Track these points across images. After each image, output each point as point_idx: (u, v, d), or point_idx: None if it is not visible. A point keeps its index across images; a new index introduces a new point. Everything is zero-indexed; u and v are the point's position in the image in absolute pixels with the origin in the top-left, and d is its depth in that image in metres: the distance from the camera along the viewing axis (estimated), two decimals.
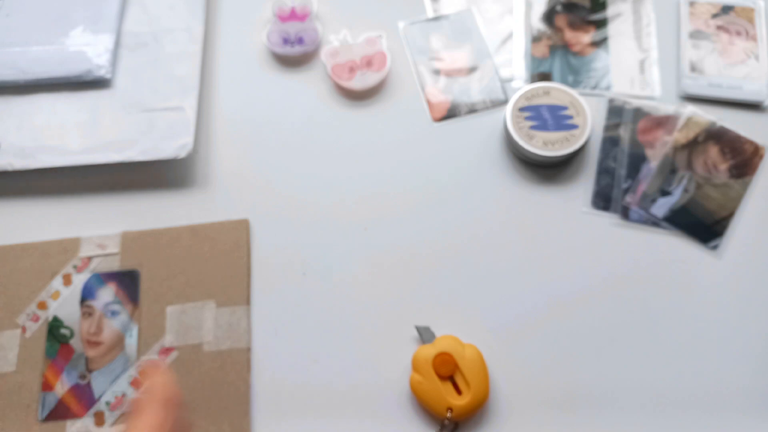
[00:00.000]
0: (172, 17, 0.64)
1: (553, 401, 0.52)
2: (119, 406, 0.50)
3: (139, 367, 0.51)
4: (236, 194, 0.58)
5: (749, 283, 0.55)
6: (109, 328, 0.52)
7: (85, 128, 0.59)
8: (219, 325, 0.51)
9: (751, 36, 0.63)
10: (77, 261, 0.54)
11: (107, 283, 0.53)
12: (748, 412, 0.51)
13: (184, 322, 0.52)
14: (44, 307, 0.53)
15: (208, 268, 0.53)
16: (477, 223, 0.57)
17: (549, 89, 0.59)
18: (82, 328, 0.52)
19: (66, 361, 0.51)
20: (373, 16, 0.65)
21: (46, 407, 0.50)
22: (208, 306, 0.52)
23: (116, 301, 0.53)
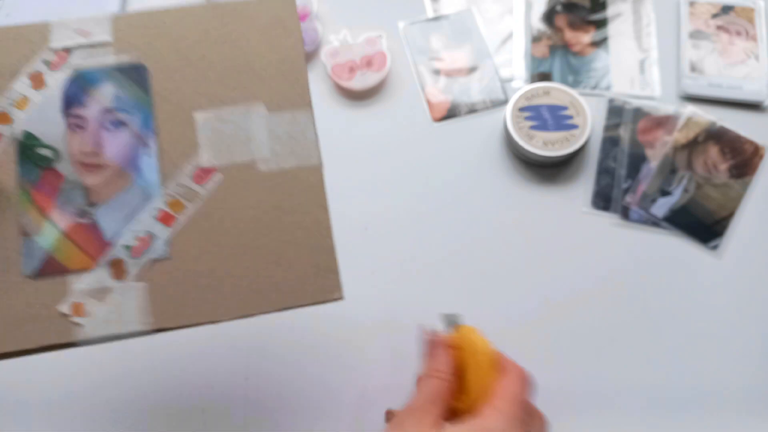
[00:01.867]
0: None
1: (553, 401, 0.52)
2: (145, 250, 0.36)
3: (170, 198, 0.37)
4: None
5: (749, 283, 0.55)
6: (112, 144, 0.37)
7: None
8: (276, 137, 0.38)
9: (751, 36, 0.63)
10: (49, 54, 0.38)
11: (101, 83, 0.38)
12: (748, 412, 0.51)
13: (223, 133, 0.37)
14: (6, 120, 0.38)
15: (245, 58, 0.38)
16: (477, 223, 0.57)
17: (549, 89, 0.59)
18: (71, 146, 0.37)
19: (54, 191, 0.37)
20: (373, 16, 0.65)
21: (33, 258, 0.35)
22: (256, 110, 0.38)
23: (119, 106, 0.38)
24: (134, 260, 0.36)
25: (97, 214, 0.36)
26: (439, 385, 0.36)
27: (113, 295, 0.35)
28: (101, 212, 0.37)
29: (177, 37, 0.39)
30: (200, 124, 0.37)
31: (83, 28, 0.39)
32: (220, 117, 0.38)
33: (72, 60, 0.38)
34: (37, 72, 0.38)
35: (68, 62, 0.38)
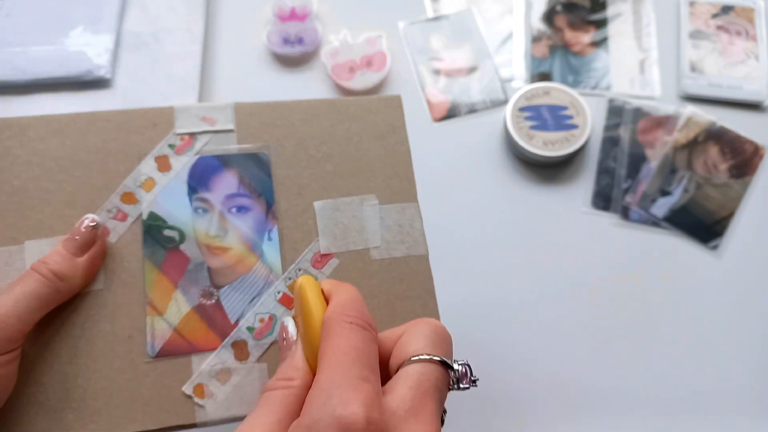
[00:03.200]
0: (172, 17, 0.64)
1: (552, 400, 0.52)
2: (267, 332, 0.37)
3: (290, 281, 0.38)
4: None
5: (749, 283, 0.55)
6: (236, 229, 0.38)
7: None
8: (387, 226, 0.40)
9: (751, 36, 0.63)
10: (174, 139, 0.39)
11: (225, 168, 0.39)
12: (748, 412, 0.51)
13: (340, 222, 0.39)
14: (132, 200, 0.38)
15: (359, 154, 0.41)
16: (477, 222, 0.57)
17: (549, 89, 0.59)
18: (196, 229, 0.38)
19: (179, 272, 0.37)
20: (373, 16, 0.65)
21: (157, 338, 0.36)
22: (369, 201, 0.40)
23: (242, 192, 0.39)
24: (256, 341, 0.36)
25: (222, 295, 0.37)
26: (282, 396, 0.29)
27: (235, 377, 0.36)
28: (225, 293, 0.37)
29: (299, 130, 0.41)
30: (319, 211, 0.39)
31: (208, 116, 0.40)
32: (337, 206, 0.40)
33: (196, 145, 0.39)
34: (163, 155, 0.39)
35: (192, 147, 0.39)
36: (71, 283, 0.34)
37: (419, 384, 0.27)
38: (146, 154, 0.39)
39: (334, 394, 0.25)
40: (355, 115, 0.42)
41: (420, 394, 0.27)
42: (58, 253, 0.34)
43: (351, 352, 0.27)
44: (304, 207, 0.39)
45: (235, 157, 0.39)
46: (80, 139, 0.38)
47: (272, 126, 0.40)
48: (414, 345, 0.29)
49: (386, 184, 0.41)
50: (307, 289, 0.31)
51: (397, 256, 0.39)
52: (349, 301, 0.30)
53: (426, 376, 0.27)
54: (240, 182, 0.39)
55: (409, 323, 0.31)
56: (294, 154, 0.40)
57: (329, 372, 0.26)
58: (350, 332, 0.28)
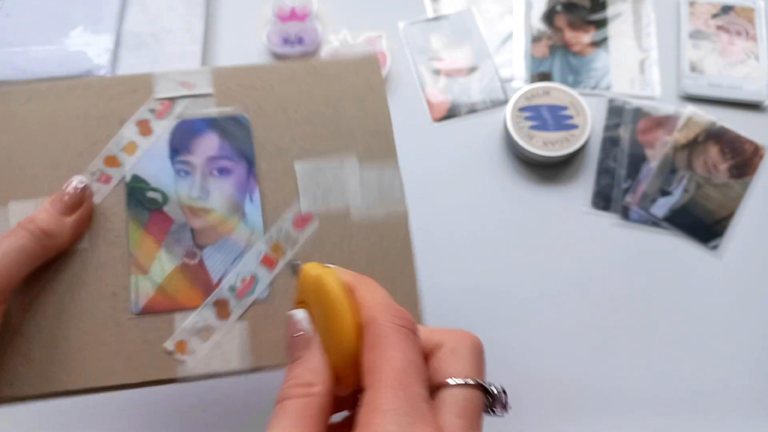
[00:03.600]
0: (172, 17, 0.64)
1: (552, 400, 0.52)
2: (248, 291, 0.37)
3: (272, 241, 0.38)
4: None
5: (749, 283, 0.55)
6: (218, 190, 0.39)
7: None
8: (367, 186, 0.40)
9: (751, 36, 0.63)
10: (154, 104, 0.40)
11: (205, 132, 0.40)
12: (748, 412, 0.51)
13: (320, 182, 0.40)
14: (116, 163, 0.39)
15: (339, 115, 0.41)
16: (477, 222, 0.57)
17: (549, 89, 0.59)
18: (179, 191, 0.39)
19: (163, 232, 0.38)
20: (373, 16, 0.65)
21: (141, 296, 0.37)
22: (349, 162, 0.40)
23: (223, 154, 0.39)
24: (238, 300, 0.37)
25: (205, 255, 0.38)
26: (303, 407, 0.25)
27: (216, 334, 0.36)
28: (208, 253, 0.38)
29: (277, 92, 0.41)
30: (300, 173, 0.40)
31: (186, 81, 0.41)
32: (317, 167, 0.40)
33: (176, 109, 0.40)
34: (144, 119, 0.40)
35: (172, 111, 0.40)
36: (58, 241, 0.35)
37: (465, 412, 0.25)
38: (127, 118, 0.39)
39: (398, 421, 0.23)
40: (333, 77, 0.42)
41: (468, 423, 0.25)
42: (46, 211, 0.35)
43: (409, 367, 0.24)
44: (285, 169, 0.39)
45: (216, 120, 0.40)
46: (61, 104, 0.39)
47: (251, 88, 0.41)
48: (459, 366, 0.27)
49: (366, 144, 0.41)
50: (331, 281, 0.27)
51: (376, 216, 0.39)
52: (389, 300, 0.27)
53: (472, 403, 0.26)
54: (221, 145, 0.39)
55: (448, 333, 0.28)
56: (273, 117, 0.40)
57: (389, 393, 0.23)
58: (405, 342, 0.25)
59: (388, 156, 0.41)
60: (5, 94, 0.39)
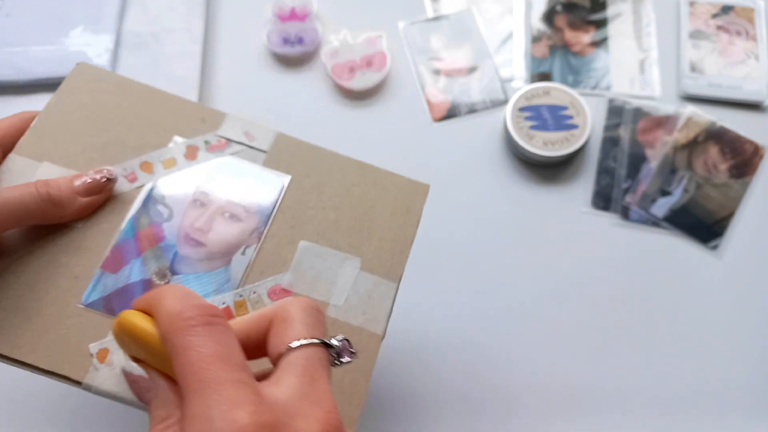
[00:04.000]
0: (172, 17, 0.64)
1: (552, 400, 0.52)
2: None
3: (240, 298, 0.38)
4: None
5: (749, 283, 0.55)
6: (220, 232, 0.40)
7: None
8: (356, 291, 0.40)
9: (751, 36, 0.63)
10: (212, 137, 0.42)
11: (251, 178, 0.41)
12: (748, 412, 0.51)
13: (315, 267, 0.40)
14: (149, 169, 0.40)
15: (366, 218, 0.42)
16: (477, 222, 0.57)
17: (549, 89, 0.59)
18: (186, 216, 0.40)
19: (150, 245, 0.39)
20: (373, 16, 0.65)
21: (96, 291, 0.37)
22: (351, 262, 0.40)
23: (242, 204, 0.40)
24: None
25: (173, 280, 0.38)
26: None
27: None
28: (176, 281, 0.38)
29: (323, 175, 0.42)
30: (301, 250, 0.40)
31: (250, 131, 0.43)
32: (320, 253, 0.40)
33: (227, 150, 0.42)
34: (195, 146, 0.42)
35: (224, 151, 0.42)
36: (60, 213, 0.36)
37: (305, 370, 0.26)
38: (183, 138, 0.41)
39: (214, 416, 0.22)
40: (378, 184, 0.43)
41: (308, 379, 0.25)
42: (65, 182, 0.36)
43: (209, 359, 0.24)
44: (290, 240, 0.40)
45: (257, 172, 0.42)
46: (138, 105, 0.42)
47: (301, 164, 0.42)
48: (291, 331, 0.27)
49: (377, 254, 0.41)
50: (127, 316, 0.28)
51: (352, 324, 0.39)
52: (177, 300, 0.26)
53: (310, 361, 0.26)
54: (247, 194, 0.41)
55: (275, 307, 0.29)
56: (307, 192, 0.41)
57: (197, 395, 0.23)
58: (197, 337, 0.24)
59: (391, 276, 0.41)
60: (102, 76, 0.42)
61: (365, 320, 0.39)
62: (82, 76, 0.42)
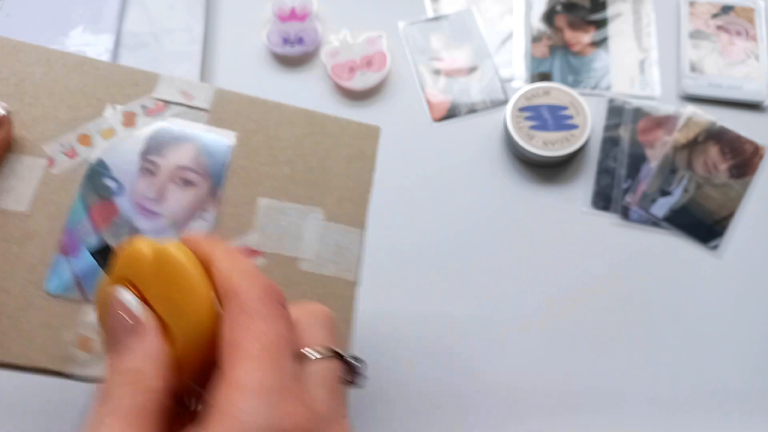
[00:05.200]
0: (172, 17, 0.64)
1: (552, 401, 0.52)
2: None
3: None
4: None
5: (749, 283, 0.55)
6: (174, 199, 0.38)
7: None
8: (324, 243, 0.39)
9: (751, 36, 0.63)
10: (148, 101, 0.39)
11: (185, 141, 0.39)
12: (748, 412, 0.51)
13: (279, 224, 0.39)
14: (87, 143, 0.38)
15: (322, 168, 0.41)
16: (476, 223, 0.57)
17: (549, 89, 0.59)
18: (136, 186, 0.38)
19: (104, 222, 0.37)
20: (373, 16, 0.65)
21: (57, 276, 0.35)
22: (314, 215, 0.39)
23: (193, 168, 0.39)
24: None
25: None
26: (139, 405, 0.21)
27: None
28: None
29: (271, 130, 0.40)
30: (261, 208, 0.39)
31: (187, 90, 0.40)
32: (280, 208, 0.39)
33: (166, 113, 0.40)
34: (132, 112, 0.39)
35: (163, 114, 0.40)
36: None
37: (329, 382, 0.24)
38: (117, 105, 0.39)
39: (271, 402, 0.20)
40: (329, 132, 0.42)
41: (333, 395, 0.24)
42: None
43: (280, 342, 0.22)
44: (248, 200, 0.39)
45: (200, 134, 0.39)
46: (64, 74, 0.39)
47: (246, 118, 0.40)
48: (315, 337, 0.25)
49: (338, 204, 0.40)
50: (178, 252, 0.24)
51: (326, 274, 0.39)
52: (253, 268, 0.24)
53: (332, 373, 0.25)
54: (195, 157, 0.39)
55: (298, 306, 0.26)
56: (257, 149, 0.40)
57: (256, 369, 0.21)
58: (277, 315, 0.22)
59: (355, 223, 0.40)
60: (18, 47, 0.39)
61: (337, 270, 0.39)
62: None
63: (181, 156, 0.39)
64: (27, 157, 0.37)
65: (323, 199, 0.40)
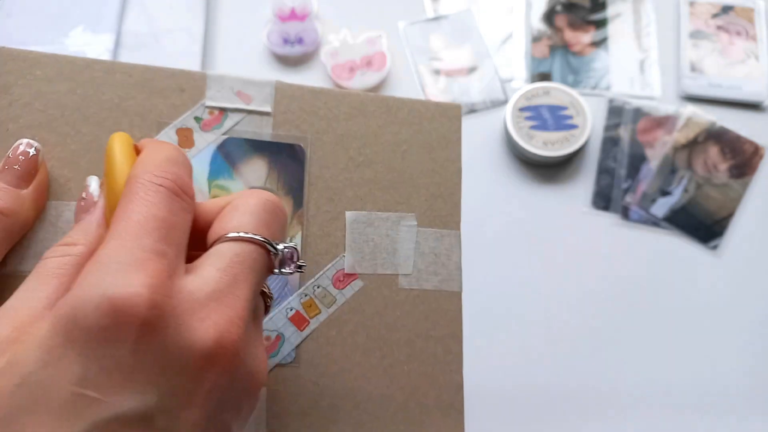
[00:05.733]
0: (172, 17, 0.64)
1: (551, 400, 0.52)
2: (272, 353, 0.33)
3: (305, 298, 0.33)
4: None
5: (749, 283, 0.55)
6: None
7: None
8: (421, 253, 0.35)
9: (751, 36, 0.63)
10: (202, 111, 0.33)
11: (254, 156, 0.34)
12: (748, 412, 0.51)
13: (371, 238, 0.35)
14: None
15: (405, 165, 0.36)
16: (477, 223, 0.57)
17: (549, 89, 0.59)
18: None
19: None
20: (373, 16, 0.65)
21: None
22: (406, 221, 0.35)
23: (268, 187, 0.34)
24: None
25: None
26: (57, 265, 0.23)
27: None
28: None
29: (342, 125, 0.35)
30: (350, 223, 0.34)
31: (244, 92, 0.34)
32: (370, 221, 0.35)
33: (225, 123, 0.34)
34: (187, 128, 0.33)
35: (221, 125, 0.34)
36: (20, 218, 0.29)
37: (231, 265, 0.23)
38: (168, 123, 0.33)
39: (112, 270, 0.20)
40: (406, 120, 0.36)
41: (229, 277, 0.22)
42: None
43: (149, 220, 0.22)
44: (334, 215, 0.34)
45: (268, 144, 0.34)
46: (94, 90, 0.32)
47: (313, 115, 0.35)
48: (236, 220, 0.24)
49: (428, 204, 0.36)
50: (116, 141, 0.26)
51: (427, 288, 0.35)
52: (164, 160, 0.24)
53: (241, 257, 0.23)
54: (268, 174, 0.34)
55: (238, 193, 0.26)
56: (332, 153, 0.35)
57: (115, 243, 0.21)
58: (154, 196, 0.23)
59: (450, 224, 0.36)
60: (32, 61, 0.32)
61: (439, 281, 0.35)
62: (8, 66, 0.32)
63: (253, 175, 0.33)
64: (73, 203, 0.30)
65: (411, 202, 0.35)
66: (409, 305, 0.34)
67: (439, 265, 0.35)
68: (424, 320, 0.34)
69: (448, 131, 0.37)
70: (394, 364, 0.33)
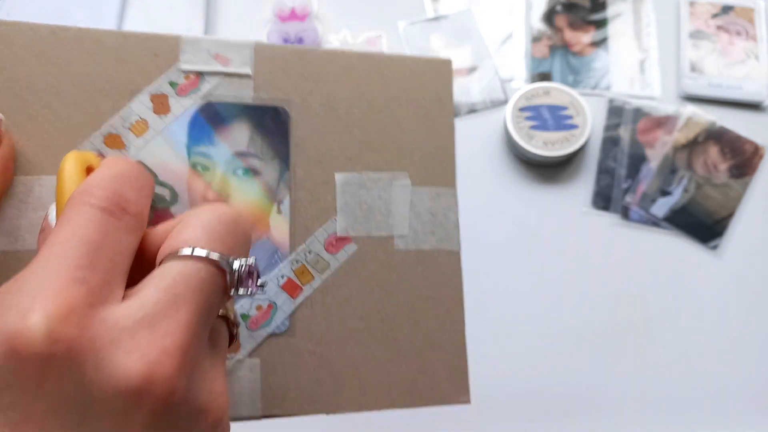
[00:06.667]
0: (172, 17, 0.64)
1: (552, 400, 0.52)
2: (264, 322, 0.31)
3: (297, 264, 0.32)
4: None
5: (749, 283, 0.55)
6: (240, 194, 0.32)
7: None
8: (417, 213, 0.34)
9: (751, 36, 0.63)
10: (177, 75, 0.32)
11: (235, 121, 0.32)
12: (748, 412, 0.51)
13: (363, 200, 0.33)
14: (119, 144, 0.31)
15: (396, 123, 0.34)
16: (477, 222, 0.57)
17: (549, 89, 0.59)
18: (192, 189, 0.31)
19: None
20: (373, 16, 0.65)
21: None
22: (399, 181, 0.34)
23: (253, 151, 0.32)
24: (250, 332, 0.31)
25: None
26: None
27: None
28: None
29: (329, 85, 0.34)
30: (341, 186, 0.33)
31: (222, 54, 0.32)
32: (362, 182, 0.33)
33: (203, 87, 0.32)
34: (161, 94, 0.31)
35: (198, 89, 0.32)
36: None
37: (172, 285, 0.20)
38: (141, 89, 0.31)
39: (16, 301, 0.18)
40: (395, 77, 0.35)
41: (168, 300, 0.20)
42: None
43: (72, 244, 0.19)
44: (324, 178, 0.33)
45: (249, 108, 0.32)
46: (62, 59, 0.31)
47: (297, 76, 0.33)
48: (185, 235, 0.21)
49: (422, 162, 0.35)
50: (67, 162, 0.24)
51: (424, 249, 0.34)
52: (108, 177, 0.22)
53: (185, 277, 0.20)
54: (251, 139, 0.32)
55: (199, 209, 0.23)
56: (319, 114, 0.33)
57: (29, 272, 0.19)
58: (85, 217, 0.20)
59: (445, 182, 0.35)
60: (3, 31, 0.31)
61: (437, 240, 0.34)
62: None
63: (236, 140, 0.32)
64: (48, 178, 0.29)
65: (405, 161, 0.34)
66: (407, 267, 0.33)
67: (436, 224, 0.34)
68: (423, 281, 0.33)
69: (439, 87, 0.36)
70: (394, 329, 0.33)
